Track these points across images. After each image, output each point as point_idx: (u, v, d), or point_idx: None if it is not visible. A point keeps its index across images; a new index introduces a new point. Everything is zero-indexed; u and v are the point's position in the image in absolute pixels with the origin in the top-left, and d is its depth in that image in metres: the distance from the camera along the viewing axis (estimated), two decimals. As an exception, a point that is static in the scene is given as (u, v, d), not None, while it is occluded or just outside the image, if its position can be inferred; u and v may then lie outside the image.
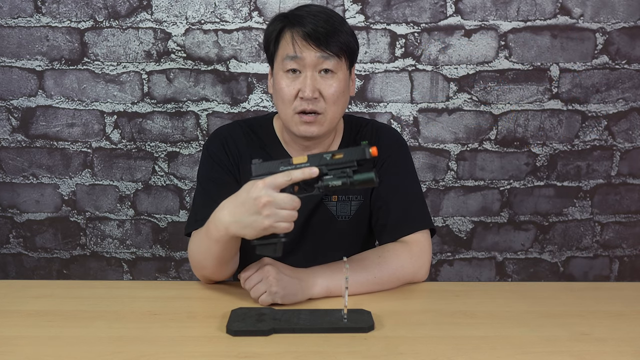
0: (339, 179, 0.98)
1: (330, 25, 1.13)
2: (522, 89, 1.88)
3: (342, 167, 0.98)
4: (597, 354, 0.90)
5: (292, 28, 1.14)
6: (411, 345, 0.92)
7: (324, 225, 1.26)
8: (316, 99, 1.13)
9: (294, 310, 1.02)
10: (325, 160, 0.99)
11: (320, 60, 1.12)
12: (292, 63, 1.13)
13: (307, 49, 1.12)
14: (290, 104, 1.14)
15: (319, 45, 1.12)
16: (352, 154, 0.98)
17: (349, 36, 1.16)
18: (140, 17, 1.82)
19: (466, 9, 1.83)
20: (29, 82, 1.85)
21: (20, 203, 1.92)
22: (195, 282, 1.22)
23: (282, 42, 1.16)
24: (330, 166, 0.99)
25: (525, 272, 1.99)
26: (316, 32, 1.11)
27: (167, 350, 0.89)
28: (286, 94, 1.14)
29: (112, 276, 1.96)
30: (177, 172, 1.90)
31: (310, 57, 1.12)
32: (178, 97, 1.86)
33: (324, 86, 1.13)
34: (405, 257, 1.17)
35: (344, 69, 1.16)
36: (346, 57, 1.16)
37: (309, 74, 1.13)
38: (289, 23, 1.15)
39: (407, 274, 1.17)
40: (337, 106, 1.16)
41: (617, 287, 1.29)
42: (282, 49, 1.15)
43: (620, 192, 1.95)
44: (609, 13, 1.84)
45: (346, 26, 1.16)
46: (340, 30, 1.14)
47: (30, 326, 0.98)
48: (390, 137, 1.28)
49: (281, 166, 1.00)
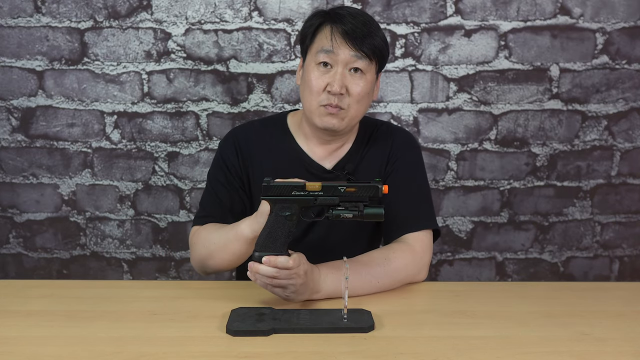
0: (350, 212, 1.02)
1: (368, 28, 1.18)
2: (522, 89, 1.88)
3: (355, 200, 1.02)
4: (597, 354, 0.90)
5: (333, 24, 1.19)
6: (411, 345, 0.92)
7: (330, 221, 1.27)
8: (342, 95, 1.17)
9: (294, 310, 1.02)
10: (339, 192, 1.02)
11: (353, 59, 1.17)
12: (326, 57, 1.18)
13: (343, 45, 1.17)
14: (317, 95, 1.18)
15: (355, 44, 1.16)
16: (366, 190, 1.02)
17: (382, 42, 1.21)
18: (140, 17, 1.82)
19: (466, 9, 1.83)
20: (29, 82, 1.85)
21: (20, 203, 1.92)
22: (195, 281, 1.22)
23: (319, 35, 1.20)
24: (342, 197, 1.02)
25: (525, 272, 1.99)
26: (354, 31, 1.16)
27: (167, 350, 0.89)
28: (315, 85, 1.18)
29: (112, 276, 1.96)
30: (177, 172, 1.90)
31: (344, 54, 1.17)
32: (178, 97, 1.86)
33: (352, 84, 1.18)
34: (409, 258, 1.18)
35: (373, 71, 1.21)
36: (377, 60, 1.20)
37: (339, 70, 1.17)
38: (330, 19, 1.20)
39: (409, 275, 1.18)
40: (360, 105, 1.20)
41: (617, 287, 1.30)
42: (319, 42, 1.20)
43: (620, 192, 1.95)
44: (609, 13, 1.84)
45: (381, 32, 1.22)
46: (376, 35, 1.19)
47: (30, 326, 0.98)
48: (404, 138, 1.33)
49: (294, 190, 1.02)
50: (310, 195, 1.02)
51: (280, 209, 1.03)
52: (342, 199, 1.02)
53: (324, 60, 1.18)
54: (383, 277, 1.14)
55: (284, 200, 1.02)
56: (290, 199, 1.02)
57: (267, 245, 1.02)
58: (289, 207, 1.02)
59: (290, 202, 1.02)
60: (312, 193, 1.02)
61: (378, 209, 1.02)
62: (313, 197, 1.02)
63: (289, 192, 1.02)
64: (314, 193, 1.02)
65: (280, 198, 1.02)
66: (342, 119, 1.19)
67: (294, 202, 1.02)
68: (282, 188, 1.03)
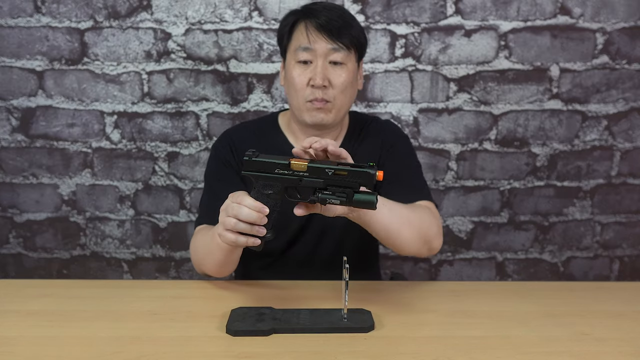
0: (337, 198, 0.91)
1: (343, 19, 1.20)
2: (522, 89, 1.88)
3: (344, 185, 0.91)
4: (597, 354, 0.90)
5: (306, 19, 1.20)
6: (411, 345, 0.92)
7: (317, 234, 1.28)
8: (326, 87, 1.18)
9: (294, 310, 1.02)
10: (326, 175, 0.92)
11: (332, 51, 1.18)
12: (305, 54, 1.19)
13: (319, 39, 1.18)
14: (302, 91, 1.19)
15: (331, 36, 1.18)
16: (358, 176, 0.91)
17: (359, 31, 1.22)
18: (140, 17, 1.82)
19: (466, 9, 1.83)
20: (29, 82, 1.85)
21: (20, 203, 1.92)
22: (195, 281, 1.22)
23: (295, 33, 1.22)
24: (330, 181, 0.92)
25: (525, 272, 1.99)
26: (329, 24, 1.18)
27: (167, 350, 0.89)
28: (298, 82, 1.19)
29: (112, 276, 1.96)
30: (177, 172, 1.90)
31: (321, 48, 1.18)
32: (178, 97, 1.86)
33: (334, 75, 1.19)
34: (431, 216, 1.18)
35: (353, 61, 1.22)
36: (356, 50, 1.22)
37: (319, 63, 1.18)
38: (304, 15, 1.21)
39: (432, 231, 1.16)
40: (345, 95, 1.21)
41: (617, 287, 1.29)
42: (296, 40, 1.21)
43: (620, 192, 1.95)
44: (609, 13, 1.84)
45: (357, 22, 1.23)
46: (351, 25, 1.21)
47: (30, 326, 0.98)
48: (394, 130, 1.36)
49: (277, 168, 0.94)
50: (294, 176, 0.93)
51: (263, 187, 0.95)
52: (329, 182, 0.92)
53: (303, 58, 1.19)
54: (414, 219, 1.12)
55: (267, 177, 0.95)
56: (273, 177, 0.94)
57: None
58: (272, 186, 0.95)
59: (273, 180, 0.94)
60: (296, 173, 0.93)
61: (369, 196, 0.91)
62: (297, 178, 0.93)
63: (272, 170, 0.94)
64: (299, 173, 0.93)
65: (263, 175, 0.95)
66: (329, 111, 1.20)
67: (277, 180, 0.94)
68: (265, 164, 0.95)
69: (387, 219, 1.06)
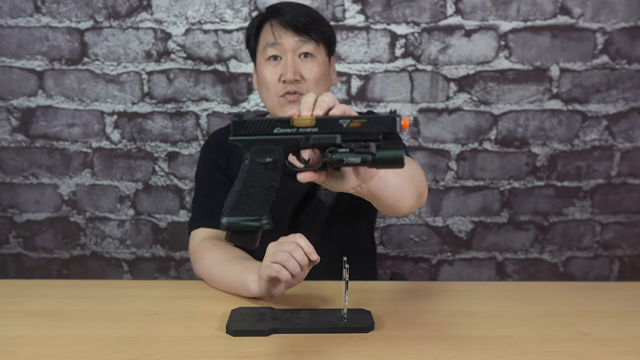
0: (357, 155, 0.73)
1: (309, 16, 1.19)
2: (522, 89, 1.88)
3: (363, 139, 0.74)
4: (597, 354, 0.90)
5: (272, 19, 1.19)
6: (411, 345, 0.92)
7: (314, 212, 1.26)
8: (298, 81, 1.17)
9: (294, 310, 1.02)
10: (341, 128, 0.74)
11: (299, 44, 1.17)
12: (272, 49, 1.18)
13: (286, 34, 1.17)
14: (273, 89, 1.18)
15: (297, 30, 1.17)
16: (379, 124, 0.74)
17: (326, 27, 1.21)
18: (140, 17, 1.82)
19: (466, 9, 1.83)
20: (29, 82, 1.85)
21: (20, 203, 1.92)
22: (195, 281, 1.22)
23: (262, 33, 1.21)
24: (345, 135, 0.74)
25: (525, 273, 1.99)
26: (294, 20, 1.17)
27: (167, 350, 0.89)
28: (269, 80, 1.18)
29: (112, 276, 1.96)
30: (177, 172, 1.90)
31: (289, 42, 1.17)
32: (178, 97, 1.86)
33: (305, 69, 1.18)
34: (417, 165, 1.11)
35: (323, 54, 1.21)
36: (324, 44, 1.21)
37: (289, 57, 1.17)
38: (269, 15, 1.21)
39: (422, 181, 1.09)
40: (318, 89, 1.19)
41: (617, 287, 1.29)
42: (263, 40, 1.20)
43: (620, 192, 1.95)
44: (609, 13, 1.84)
45: (323, 19, 1.22)
46: (317, 21, 1.19)
47: (30, 326, 0.98)
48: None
49: (277, 127, 0.75)
50: (299, 133, 0.75)
51: (258, 154, 0.76)
52: (345, 137, 0.74)
53: (272, 54, 1.18)
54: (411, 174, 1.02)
55: (263, 141, 0.76)
56: (272, 139, 0.76)
57: (240, 208, 0.76)
58: (271, 151, 0.76)
59: (272, 143, 0.75)
60: (302, 130, 0.75)
61: (396, 151, 0.74)
62: (304, 136, 0.75)
63: (270, 130, 0.76)
64: (305, 130, 0.75)
65: (258, 139, 0.76)
66: None
67: (277, 143, 0.75)
68: (260, 124, 0.76)
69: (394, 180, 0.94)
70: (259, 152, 0.76)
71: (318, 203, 1.26)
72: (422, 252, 1.97)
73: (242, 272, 1.07)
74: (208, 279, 1.17)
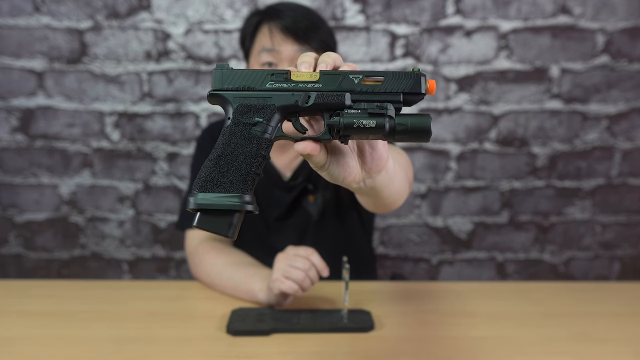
0: (373, 118, 0.57)
1: (309, 20, 1.12)
2: (522, 89, 1.88)
3: (380, 100, 0.59)
4: (597, 354, 0.90)
5: (270, 21, 1.12)
6: (411, 345, 0.92)
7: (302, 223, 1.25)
8: None
9: (294, 310, 1.02)
10: (352, 84, 0.59)
11: (298, 54, 1.10)
12: (268, 56, 1.11)
13: (285, 42, 1.10)
14: None
15: (297, 38, 1.10)
16: (399, 81, 0.60)
17: (327, 34, 1.14)
18: (140, 17, 1.82)
19: (466, 9, 1.83)
20: (29, 82, 1.85)
21: (20, 203, 1.92)
22: (195, 282, 1.22)
23: (258, 35, 1.14)
24: (359, 94, 0.59)
25: (525, 272, 1.99)
26: (295, 25, 1.10)
27: (167, 350, 0.89)
28: None
29: (112, 276, 1.96)
30: (177, 172, 1.90)
31: (287, 51, 1.10)
32: (178, 97, 1.86)
33: None
34: (402, 151, 1.09)
35: None
36: (324, 51, 1.13)
37: (285, 67, 1.10)
38: (267, 16, 1.13)
39: (411, 172, 1.05)
40: None
41: (617, 287, 1.29)
42: (259, 43, 1.13)
43: (620, 192, 1.95)
44: (610, 13, 1.84)
45: (324, 23, 1.15)
46: (319, 26, 1.13)
47: (30, 326, 0.98)
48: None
49: (271, 81, 0.60)
50: (298, 89, 0.59)
51: (244, 113, 0.59)
52: (356, 97, 0.59)
53: (267, 60, 1.11)
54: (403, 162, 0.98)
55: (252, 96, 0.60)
56: (263, 95, 0.60)
57: (215, 180, 0.58)
58: (261, 109, 0.59)
59: (263, 99, 0.60)
60: (302, 86, 0.59)
61: (423, 118, 0.58)
62: (304, 93, 0.59)
63: (261, 83, 0.60)
64: (306, 85, 0.59)
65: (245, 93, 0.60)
66: None
67: (270, 99, 0.59)
68: (250, 75, 0.60)
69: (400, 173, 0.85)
70: (246, 109, 0.59)
71: (304, 213, 1.23)
72: (422, 253, 1.97)
73: (247, 280, 1.06)
74: (208, 283, 1.16)
